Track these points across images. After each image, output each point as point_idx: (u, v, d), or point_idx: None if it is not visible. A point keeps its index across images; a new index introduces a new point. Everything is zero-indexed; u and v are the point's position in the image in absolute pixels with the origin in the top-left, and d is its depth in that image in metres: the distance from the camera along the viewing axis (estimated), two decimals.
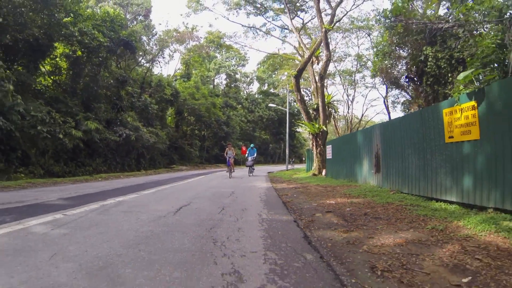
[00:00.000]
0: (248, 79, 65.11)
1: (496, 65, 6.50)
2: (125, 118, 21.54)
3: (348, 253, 3.10)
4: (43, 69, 17.76)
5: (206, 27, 58.95)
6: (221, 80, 57.95)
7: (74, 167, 16.79)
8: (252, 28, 28.27)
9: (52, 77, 18.65)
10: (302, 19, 31.47)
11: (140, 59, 27.44)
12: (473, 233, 3.72)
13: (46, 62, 17.52)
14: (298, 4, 24.85)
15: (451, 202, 5.70)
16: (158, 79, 28.76)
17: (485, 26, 8.03)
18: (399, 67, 10.89)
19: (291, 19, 24.08)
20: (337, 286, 2.30)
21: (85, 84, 19.07)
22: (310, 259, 2.89)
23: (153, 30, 37.74)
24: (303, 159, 45.60)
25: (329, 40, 27.27)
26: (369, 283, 2.34)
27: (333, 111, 22.26)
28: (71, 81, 18.60)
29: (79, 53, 17.75)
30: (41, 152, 14.83)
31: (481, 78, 6.51)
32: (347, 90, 38.07)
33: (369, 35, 28.01)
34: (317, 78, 18.08)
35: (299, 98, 18.44)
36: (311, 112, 20.15)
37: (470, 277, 2.41)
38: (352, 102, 37.80)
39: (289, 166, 28.86)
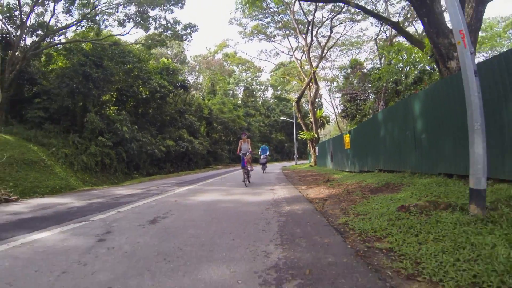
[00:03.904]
0: (263, 86, 74.72)
1: (366, 118, 15.83)
2: (182, 134, 31.60)
3: (295, 180, 12.76)
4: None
5: (227, 52, 68.98)
6: (240, 91, 67.91)
7: (157, 169, 27.01)
8: (264, 52, 37.15)
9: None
10: (302, 44, 40.67)
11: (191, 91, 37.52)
12: (331, 177, 13.15)
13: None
14: (301, 28, 33.65)
15: (346, 171, 15.09)
16: (198, 102, 38.76)
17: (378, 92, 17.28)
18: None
19: (294, 51, 33.49)
20: (287, 180, 12.03)
21: (153, 115, 29.08)
22: (285, 179, 12.62)
23: (186, 60, 48.12)
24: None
25: (326, 55, 36.42)
26: (294, 181, 11.96)
27: (325, 121, 31.61)
28: (134, 110, 28.29)
29: (140, 88, 27.26)
30: (143, 161, 24.98)
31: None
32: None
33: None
34: (310, 102, 27.47)
35: (299, 116, 27.93)
36: (308, 123, 29.57)
37: (311, 179, 11.97)
38: None
39: (297, 162, 38.27)
